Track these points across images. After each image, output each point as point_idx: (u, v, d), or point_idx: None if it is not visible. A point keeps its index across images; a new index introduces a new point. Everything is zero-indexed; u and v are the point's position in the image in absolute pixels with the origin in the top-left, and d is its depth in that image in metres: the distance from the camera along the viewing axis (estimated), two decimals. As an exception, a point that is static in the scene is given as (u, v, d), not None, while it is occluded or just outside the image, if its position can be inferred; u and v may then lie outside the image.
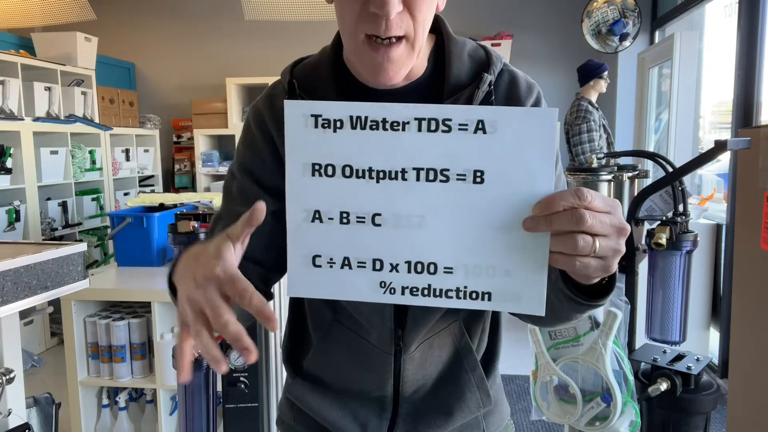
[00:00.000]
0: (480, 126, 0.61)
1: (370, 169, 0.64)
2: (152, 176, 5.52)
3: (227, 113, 5.18)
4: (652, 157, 1.77)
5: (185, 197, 3.03)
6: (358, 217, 0.65)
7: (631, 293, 1.65)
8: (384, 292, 0.66)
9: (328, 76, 0.84)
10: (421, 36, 0.75)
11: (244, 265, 0.73)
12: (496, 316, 0.96)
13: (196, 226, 1.69)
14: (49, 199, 4.22)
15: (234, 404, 1.66)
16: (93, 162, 4.65)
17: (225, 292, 0.58)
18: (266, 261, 0.84)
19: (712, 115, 4.47)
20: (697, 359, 1.56)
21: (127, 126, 5.14)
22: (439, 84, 0.83)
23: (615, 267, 0.61)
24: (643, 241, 1.65)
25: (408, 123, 0.62)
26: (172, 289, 0.74)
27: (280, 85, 0.87)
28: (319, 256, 0.66)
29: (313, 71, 0.87)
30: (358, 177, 0.64)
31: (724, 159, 3.41)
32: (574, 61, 4.57)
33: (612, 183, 1.65)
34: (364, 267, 0.66)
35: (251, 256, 0.78)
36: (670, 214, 1.65)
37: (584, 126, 3.94)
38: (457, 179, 0.62)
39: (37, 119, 4.04)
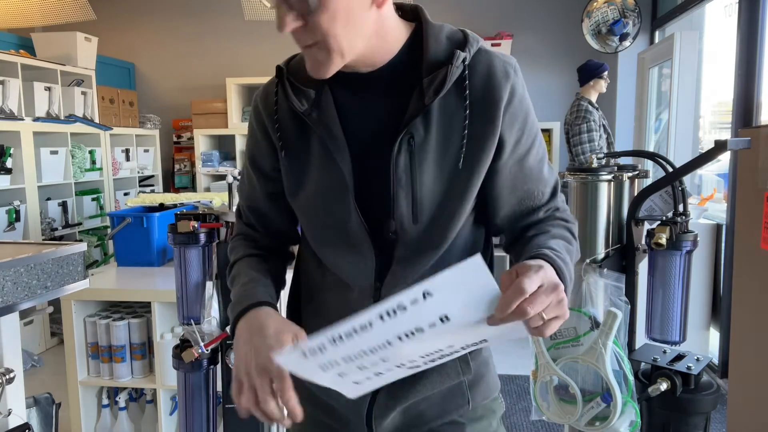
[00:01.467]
0: (426, 295, 0.72)
1: (364, 351, 0.77)
2: (152, 176, 5.52)
3: (227, 113, 5.18)
4: (652, 157, 1.77)
5: (185, 197, 3.03)
6: (372, 365, 0.80)
7: (631, 293, 1.65)
8: (412, 368, 0.83)
9: None
10: (337, 42, 0.81)
11: (263, 237, 1.03)
12: None
13: (196, 226, 1.69)
14: (49, 199, 4.22)
15: (234, 404, 1.66)
16: (93, 162, 4.65)
17: (272, 381, 0.80)
18: (265, 230, 1.04)
19: (712, 115, 4.46)
20: (697, 359, 1.56)
21: (127, 126, 5.14)
22: (416, 63, 0.88)
23: (567, 312, 0.75)
24: (643, 241, 1.65)
25: (372, 323, 0.73)
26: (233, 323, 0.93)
27: (273, 78, 0.97)
28: (358, 383, 0.84)
29: (302, 59, 0.92)
30: (358, 358, 0.78)
31: (724, 159, 3.41)
32: (574, 61, 4.57)
33: (612, 183, 1.65)
34: (393, 369, 0.82)
35: (265, 230, 1.03)
36: (670, 214, 1.65)
37: (584, 126, 3.94)
38: (429, 328, 0.75)
39: (37, 119, 4.04)
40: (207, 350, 1.60)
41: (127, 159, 5.13)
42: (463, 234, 0.94)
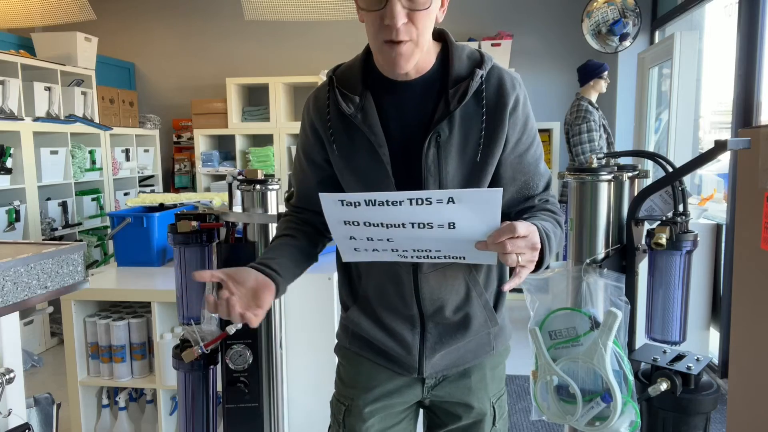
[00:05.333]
0: (450, 200, 0.95)
1: (381, 223, 1.00)
2: (152, 176, 5.52)
3: (227, 113, 5.18)
4: (652, 157, 1.77)
5: (185, 197, 3.03)
6: (377, 239, 1.04)
7: (631, 293, 1.65)
8: (399, 257, 1.08)
9: (357, 71, 1.16)
10: (423, 39, 1.06)
11: (309, 214, 1.28)
12: (502, 268, 1.27)
13: (196, 226, 1.69)
14: (49, 199, 4.22)
15: (234, 404, 1.66)
16: (93, 162, 4.65)
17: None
18: (312, 210, 1.27)
19: (712, 115, 4.46)
20: (697, 359, 1.56)
21: (127, 126, 5.14)
22: (443, 78, 1.13)
23: (532, 266, 1.02)
24: (643, 241, 1.65)
25: (402, 201, 0.96)
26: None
27: (324, 85, 1.20)
28: (357, 249, 1.09)
29: (347, 69, 1.19)
30: (374, 226, 1.01)
31: (724, 159, 3.41)
32: (574, 61, 4.57)
33: (612, 183, 1.65)
34: (387, 251, 1.07)
35: (312, 209, 1.26)
36: (670, 214, 1.65)
37: (584, 126, 3.93)
38: (438, 227, 0.98)
39: (37, 119, 4.04)
40: (207, 350, 1.60)
41: (127, 159, 5.13)
42: None
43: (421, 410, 1.37)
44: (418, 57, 1.07)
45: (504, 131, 1.12)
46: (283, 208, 1.56)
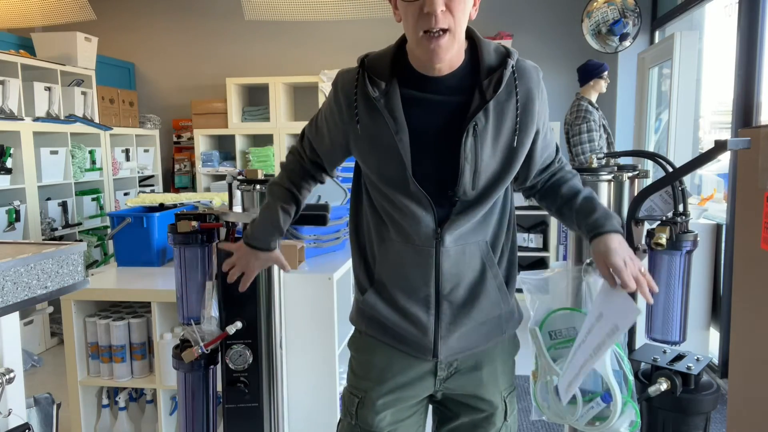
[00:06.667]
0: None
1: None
2: (152, 176, 5.52)
3: (227, 113, 5.18)
4: (652, 157, 1.77)
5: (185, 197, 3.03)
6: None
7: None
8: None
9: (387, 61, 1.20)
10: (459, 29, 1.11)
11: (311, 166, 1.39)
12: (513, 250, 1.32)
13: (196, 226, 1.69)
14: (49, 199, 4.22)
15: (234, 404, 1.66)
16: (93, 162, 4.65)
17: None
18: (324, 166, 1.39)
19: (712, 115, 4.46)
20: (697, 359, 1.56)
21: (127, 126, 5.14)
22: (475, 70, 1.19)
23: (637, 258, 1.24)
24: (643, 241, 1.65)
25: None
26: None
27: (355, 67, 1.23)
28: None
29: (377, 57, 1.22)
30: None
31: (724, 159, 3.41)
32: (574, 61, 4.57)
33: (612, 183, 1.64)
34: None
35: (321, 165, 1.38)
36: (670, 214, 1.65)
37: (584, 126, 3.93)
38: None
39: (37, 119, 4.04)
40: (207, 350, 1.60)
41: (127, 159, 5.13)
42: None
43: (430, 407, 1.39)
44: (455, 49, 1.13)
45: (535, 118, 1.21)
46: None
